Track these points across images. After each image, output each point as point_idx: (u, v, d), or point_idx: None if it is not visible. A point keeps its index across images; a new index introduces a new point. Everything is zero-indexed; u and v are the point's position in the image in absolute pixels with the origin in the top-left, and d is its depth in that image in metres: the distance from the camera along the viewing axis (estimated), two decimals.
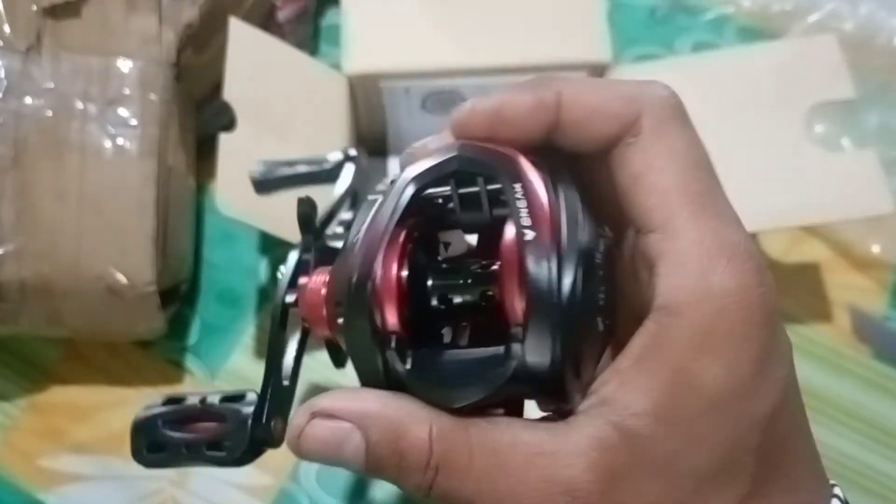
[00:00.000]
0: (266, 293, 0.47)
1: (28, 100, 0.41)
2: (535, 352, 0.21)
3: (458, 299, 0.23)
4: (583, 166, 0.24)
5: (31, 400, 0.45)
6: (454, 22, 0.46)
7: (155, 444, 0.26)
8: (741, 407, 0.21)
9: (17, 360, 0.46)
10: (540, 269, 0.21)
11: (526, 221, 0.21)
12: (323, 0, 0.54)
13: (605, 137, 0.23)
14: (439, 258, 0.25)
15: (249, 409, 0.25)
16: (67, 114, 0.41)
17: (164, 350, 0.46)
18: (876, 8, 0.52)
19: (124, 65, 0.42)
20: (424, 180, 0.23)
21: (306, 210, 0.29)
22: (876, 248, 0.47)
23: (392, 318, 0.22)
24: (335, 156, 0.37)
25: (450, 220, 0.24)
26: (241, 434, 0.25)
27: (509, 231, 0.22)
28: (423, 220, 0.23)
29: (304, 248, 0.28)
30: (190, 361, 0.45)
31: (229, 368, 0.45)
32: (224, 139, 0.41)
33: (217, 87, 0.42)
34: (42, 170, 0.41)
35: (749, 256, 0.21)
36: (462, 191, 0.23)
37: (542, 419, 0.22)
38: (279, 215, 0.41)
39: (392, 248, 0.22)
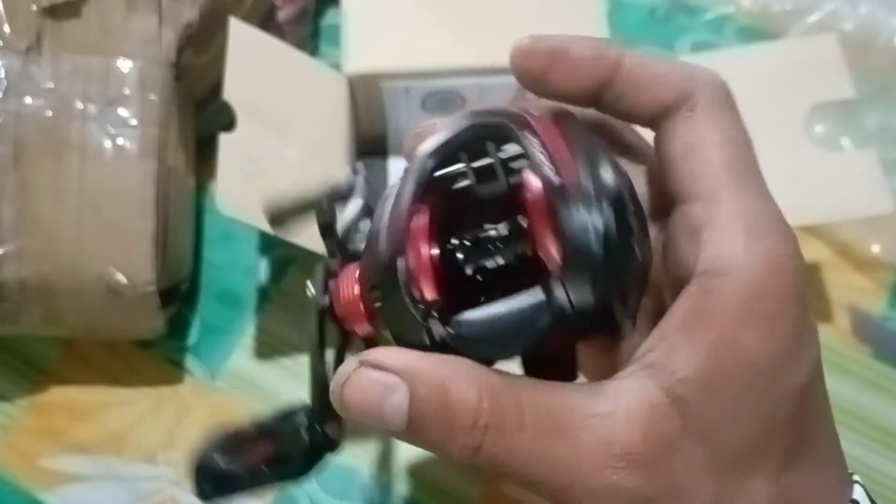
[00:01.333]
0: (266, 293, 0.47)
1: (28, 100, 0.41)
2: (578, 290, 0.21)
3: (491, 263, 0.23)
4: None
5: (31, 400, 0.45)
6: (454, 22, 0.46)
7: (218, 479, 0.26)
8: (780, 377, 0.21)
9: (17, 360, 0.46)
10: (573, 210, 0.21)
11: (549, 169, 0.21)
12: (323, 0, 0.54)
13: (661, 105, 0.24)
14: (466, 231, 0.25)
15: (303, 419, 0.25)
16: (67, 114, 0.41)
17: (164, 350, 0.46)
18: (876, 8, 0.52)
19: (124, 65, 0.42)
20: (440, 153, 0.23)
21: (326, 218, 0.28)
22: (876, 248, 0.47)
23: (429, 290, 0.22)
24: (346, 176, 0.37)
25: (468, 195, 0.24)
26: (298, 444, 0.25)
27: (533, 181, 0.22)
28: (444, 199, 0.23)
29: (330, 255, 0.28)
30: (190, 361, 0.45)
31: (229, 368, 0.45)
32: (224, 139, 0.41)
33: (217, 87, 0.42)
34: (42, 170, 0.41)
35: (788, 230, 0.22)
36: (475, 164, 0.23)
37: (590, 385, 0.22)
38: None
39: (419, 222, 0.22)
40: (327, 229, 0.29)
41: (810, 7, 0.53)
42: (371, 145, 0.49)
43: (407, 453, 0.43)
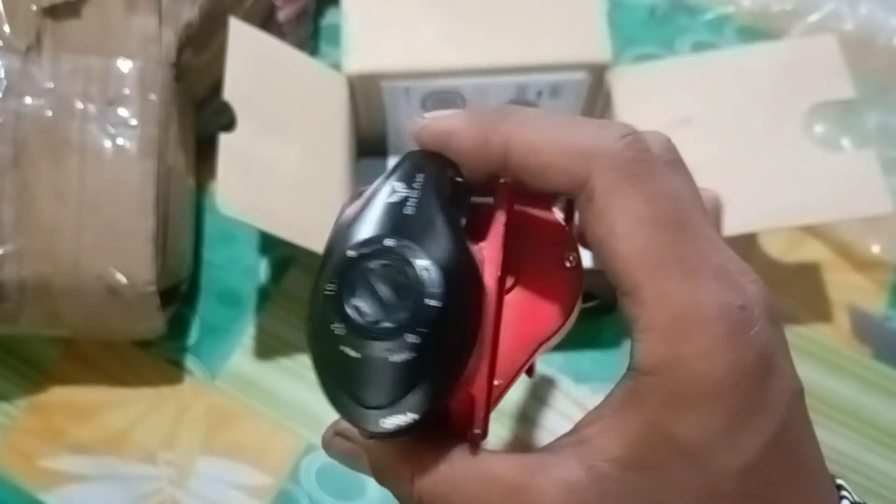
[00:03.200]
0: (266, 293, 0.47)
1: (28, 100, 0.41)
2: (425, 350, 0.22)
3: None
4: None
5: (31, 400, 0.45)
6: (454, 22, 0.46)
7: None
8: (715, 458, 0.21)
9: (17, 360, 0.46)
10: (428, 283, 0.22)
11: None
12: (323, 0, 0.54)
13: (560, 190, 0.23)
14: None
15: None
16: (67, 114, 0.41)
17: (164, 350, 0.46)
18: (876, 8, 0.52)
19: (124, 65, 0.42)
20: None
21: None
22: (876, 248, 0.47)
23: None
24: None
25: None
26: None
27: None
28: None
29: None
30: (190, 361, 0.45)
31: (229, 368, 0.45)
32: (224, 139, 0.41)
33: (217, 87, 0.42)
34: (42, 170, 0.41)
35: (718, 319, 0.21)
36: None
37: (512, 453, 0.24)
38: (279, 215, 0.41)
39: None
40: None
41: (810, 7, 0.53)
42: (371, 145, 0.49)
43: None
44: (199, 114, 0.48)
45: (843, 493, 0.24)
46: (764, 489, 0.22)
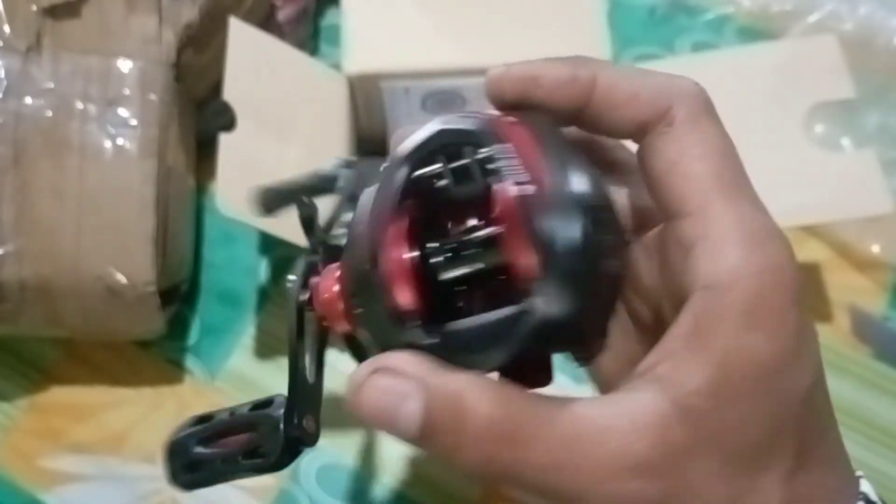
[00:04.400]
0: (266, 293, 0.47)
1: (28, 100, 0.41)
2: (553, 301, 0.21)
3: (467, 270, 0.23)
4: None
5: (31, 400, 0.45)
6: (454, 22, 0.46)
7: (190, 464, 0.26)
8: (785, 378, 0.22)
9: (17, 360, 0.46)
10: (546, 219, 0.21)
11: (523, 177, 0.21)
12: (323, 0, 0.54)
13: (638, 122, 0.24)
14: (444, 235, 0.24)
15: (280, 413, 0.25)
16: (67, 114, 0.41)
17: (164, 350, 0.46)
18: (876, 8, 0.52)
19: (124, 65, 0.42)
20: (413, 158, 0.23)
21: (307, 212, 0.29)
22: (876, 248, 0.47)
23: (406, 298, 0.22)
24: (333, 165, 0.36)
25: (446, 196, 0.24)
26: (275, 437, 0.25)
27: (504, 190, 0.21)
28: (422, 201, 0.23)
29: (311, 250, 0.28)
30: (190, 361, 0.45)
31: (229, 369, 0.45)
32: (224, 139, 0.41)
33: (217, 87, 0.42)
34: (42, 170, 0.41)
35: (781, 238, 0.22)
36: (453, 165, 0.23)
37: (600, 398, 0.23)
38: (279, 215, 0.41)
39: (397, 230, 0.22)
40: (308, 223, 0.29)
41: (810, 7, 0.53)
42: (371, 145, 0.49)
43: (407, 453, 0.43)
44: (199, 114, 0.48)
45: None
46: (815, 420, 0.23)
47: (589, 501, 0.21)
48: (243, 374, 0.45)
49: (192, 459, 0.26)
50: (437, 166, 0.23)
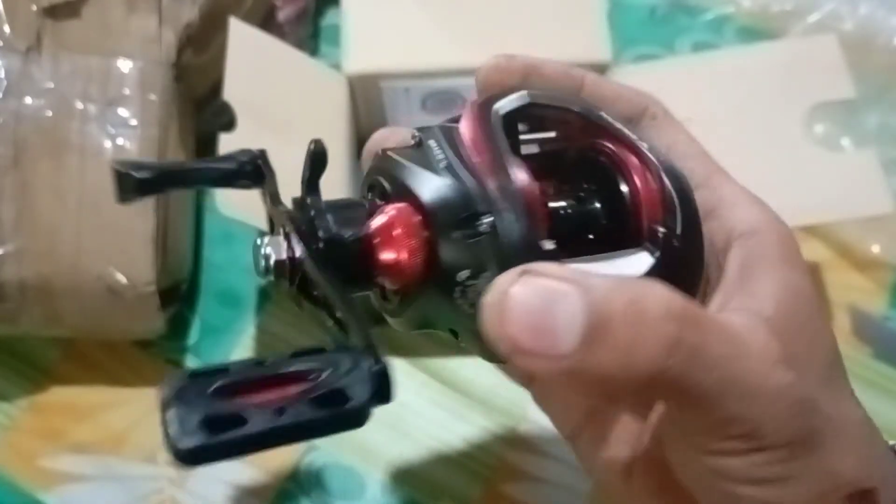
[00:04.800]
0: (266, 293, 0.47)
1: (28, 100, 0.41)
2: (677, 250, 0.23)
3: (592, 223, 0.25)
4: None
5: (31, 400, 0.45)
6: (454, 22, 0.46)
7: (212, 421, 0.17)
8: (819, 309, 0.24)
9: (17, 360, 0.46)
10: (679, 190, 0.24)
11: (651, 154, 0.24)
12: (323, 0, 0.54)
13: (624, 117, 0.27)
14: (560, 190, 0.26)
15: (351, 352, 0.19)
16: (67, 114, 0.41)
17: (164, 350, 0.46)
18: (876, 8, 0.52)
19: (124, 65, 0.42)
20: (499, 105, 0.24)
21: (321, 149, 0.26)
22: (876, 248, 0.47)
23: (543, 228, 0.23)
24: (240, 153, 0.32)
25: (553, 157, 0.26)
26: (365, 373, 0.18)
27: (644, 154, 0.24)
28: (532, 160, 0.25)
29: (288, 221, 0.26)
30: (190, 361, 0.45)
31: None
32: (224, 139, 0.41)
33: (217, 87, 0.42)
34: (42, 170, 0.41)
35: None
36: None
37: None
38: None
39: (517, 160, 0.23)
40: (275, 197, 0.28)
41: (810, 7, 0.53)
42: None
43: (407, 453, 0.43)
44: (199, 114, 0.48)
45: None
46: (839, 359, 0.24)
47: (755, 397, 0.21)
48: None
49: (214, 415, 0.17)
50: (550, 134, 0.26)
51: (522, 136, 0.25)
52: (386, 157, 0.26)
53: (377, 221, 0.25)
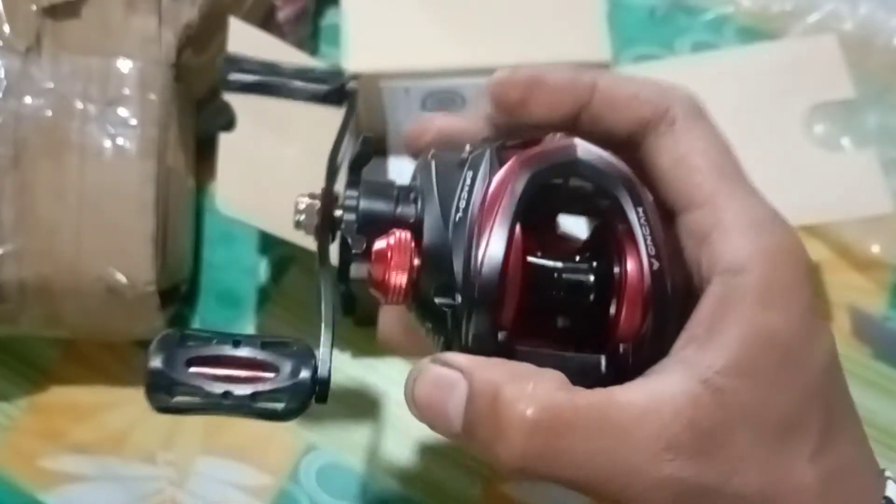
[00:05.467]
0: (266, 293, 0.47)
1: (28, 100, 0.41)
2: (643, 357, 0.23)
3: (572, 296, 0.25)
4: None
5: (31, 400, 0.45)
6: (454, 22, 0.46)
7: (172, 384, 0.23)
8: (804, 354, 0.23)
9: (17, 360, 0.46)
10: (664, 300, 0.23)
11: (650, 250, 0.23)
12: (323, 0, 0.54)
13: (639, 121, 0.25)
14: (550, 250, 0.26)
15: (305, 361, 0.23)
16: (67, 114, 0.41)
17: None
18: (876, 8, 0.52)
19: (124, 65, 0.42)
20: (535, 169, 0.24)
21: (368, 149, 0.28)
22: (876, 248, 0.47)
23: (510, 312, 0.23)
24: (332, 76, 0.34)
25: (554, 206, 0.26)
26: (302, 388, 0.23)
27: (635, 265, 0.23)
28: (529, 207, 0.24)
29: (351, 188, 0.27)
30: None
31: None
32: (224, 139, 0.41)
33: (217, 87, 0.42)
34: (42, 170, 0.41)
35: (785, 223, 0.24)
36: (573, 184, 0.25)
37: (632, 383, 0.23)
38: (279, 215, 0.41)
39: (512, 240, 0.23)
40: (362, 163, 0.28)
41: (810, 7, 0.53)
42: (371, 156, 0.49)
43: (407, 453, 0.43)
44: (199, 114, 0.48)
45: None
46: (837, 394, 0.23)
47: (633, 490, 0.21)
48: None
49: (176, 380, 0.23)
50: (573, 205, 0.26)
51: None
52: (428, 165, 0.26)
53: (379, 244, 0.25)
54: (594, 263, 0.25)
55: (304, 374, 0.23)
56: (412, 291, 0.25)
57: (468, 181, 0.24)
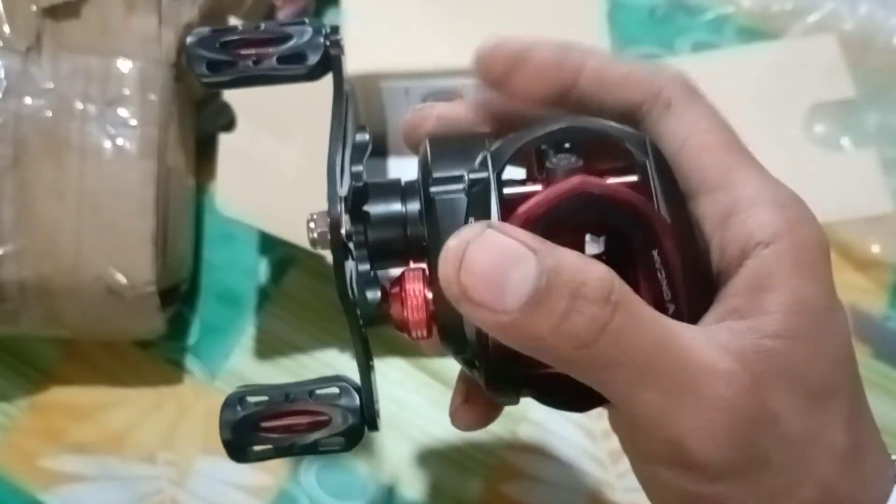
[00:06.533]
0: (266, 293, 0.47)
1: (28, 100, 0.41)
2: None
3: None
4: None
5: (31, 400, 0.45)
6: (454, 22, 0.46)
7: (253, 440, 0.26)
8: (835, 323, 0.23)
9: (17, 360, 0.46)
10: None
11: (666, 294, 0.23)
12: (323, 0, 0.54)
13: (631, 103, 0.25)
14: None
15: (351, 402, 0.26)
16: (67, 114, 0.41)
17: (164, 350, 0.46)
18: (876, 8, 0.52)
19: (124, 65, 0.42)
20: (542, 228, 0.22)
21: (365, 140, 0.28)
22: (876, 248, 0.47)
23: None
24: (310, 42, 0.30)
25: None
26: (355, 430, 0.26)
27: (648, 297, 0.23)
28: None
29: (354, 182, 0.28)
30: (190, 361, 0.45)
31: (229, 369, 0.45)
32: (224, 139, 0.41)
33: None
34: (42, 170, 0.41)
35: (799, 198, 0.24)
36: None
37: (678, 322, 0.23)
38: (279, 215, 0.41)
39: None
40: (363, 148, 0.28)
41: (810, 7, 0.53)
42: (371, 145, 0.49)
43: (407, 453, 0.43)
44: (199, 114, 0.48)
45: None
46: (857, 371, 0.24)
47: (687, 404, 0.21)
48: (243, 375, 0.45)
49: (248, 444, 0.26)
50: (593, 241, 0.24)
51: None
52: (433, 200, 0.25)
53: (394, 288, 0.26)
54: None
55: (353, 420, 0.26)
56: (435, 324, 0.25)
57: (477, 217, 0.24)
